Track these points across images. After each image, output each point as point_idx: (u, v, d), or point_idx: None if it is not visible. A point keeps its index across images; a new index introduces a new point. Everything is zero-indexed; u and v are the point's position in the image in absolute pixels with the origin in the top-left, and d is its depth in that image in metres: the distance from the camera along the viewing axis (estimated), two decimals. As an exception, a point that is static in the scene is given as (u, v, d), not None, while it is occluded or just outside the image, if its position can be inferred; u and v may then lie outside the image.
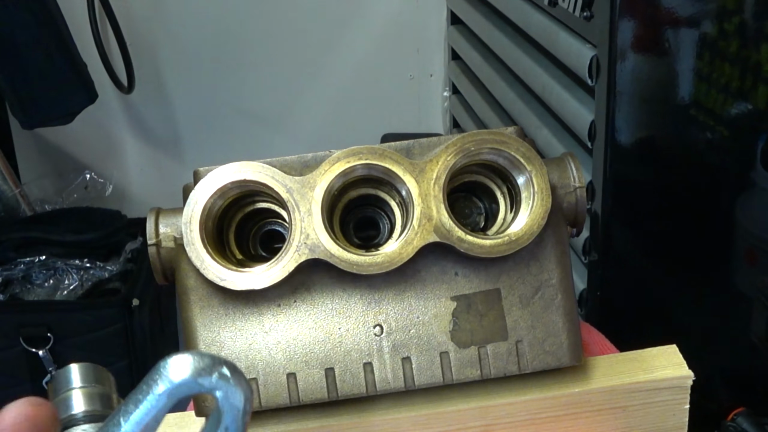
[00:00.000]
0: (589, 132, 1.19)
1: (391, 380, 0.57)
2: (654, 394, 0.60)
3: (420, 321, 0.58)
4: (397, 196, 0.58)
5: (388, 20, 2.31)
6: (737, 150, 1.17)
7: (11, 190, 2.02)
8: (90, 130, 2.28)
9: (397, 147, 0.58)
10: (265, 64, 2.33)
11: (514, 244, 0.56)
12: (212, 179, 0.56)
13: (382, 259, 0.55)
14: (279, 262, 0.55)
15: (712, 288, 1.24)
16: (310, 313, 0.57)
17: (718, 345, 1.25)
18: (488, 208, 0.61)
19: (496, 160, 0.58)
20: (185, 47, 2.30)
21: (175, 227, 0.58)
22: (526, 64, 1.49)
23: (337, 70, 2.35)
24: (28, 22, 1.77)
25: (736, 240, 1.21)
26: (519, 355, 0.58)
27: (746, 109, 1.14)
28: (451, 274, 0.58)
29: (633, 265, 1.24)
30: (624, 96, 1.13)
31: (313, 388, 0.57)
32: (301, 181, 0.55)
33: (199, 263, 0.55)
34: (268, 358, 0.57)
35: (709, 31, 1.10)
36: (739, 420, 1.21)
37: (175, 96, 2.36)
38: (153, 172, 2.43)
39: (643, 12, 1.10)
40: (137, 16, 2.24)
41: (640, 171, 1.19)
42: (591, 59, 1.17)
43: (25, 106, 1.84)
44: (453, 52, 2.16)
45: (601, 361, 0.62)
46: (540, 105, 1.47)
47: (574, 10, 1.22)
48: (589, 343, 0.72)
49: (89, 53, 2.01)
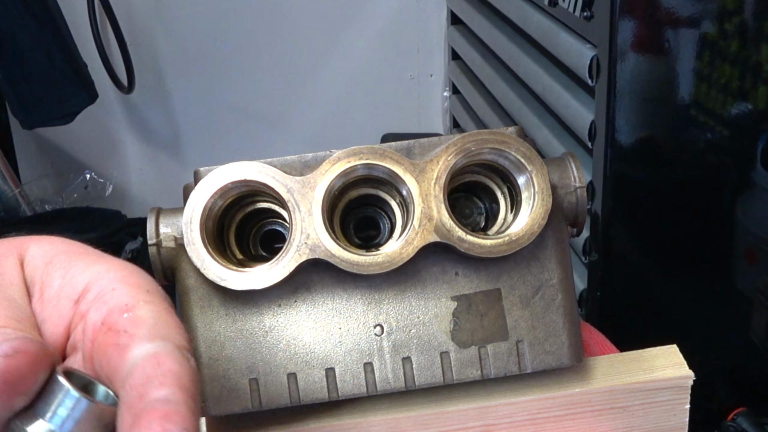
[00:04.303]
0: (589, 132, 1.19)
1: (392, 380, 0.57)
2: (654, 394, 0.60)
3: (420, 321, 0.58)
4: (398, 196, 0.58)
5: (388, 20, 2.31)
6: (737, 150, 1.17)
7: (11, 190, 2.02)
8: (90, 130, 2.28)
9: (398, 147, 0.58)
10: (266, 64, 2.33)
11: (515, 244, 0.56)
12: (213, 179, 0.56)
13: (382, 259, 0.55)
14: (279, 262, 0.55)
15: (712, 288, 1.24)
16: (311, 313, 0.57)
17: (718, 345, 1.25)
18: (489, 208, 0.61)
19: (497, 160, 0.58)
20: (185, 47, 2.30)
21: (175, 227, 0.58)
22: (526, 64, 1.49)
23: (337, 70, 2.35)
24: (28, 22, 1.77)
25: (736, 240, 1.21)
26: (519, 355, 0.58)
27: (746, 109, 1.14)
28: (452, 274, 0.58)
29: (633, 265, 1.24)
30: (624, 96, 1.13)
31: (314, 388, 0.57)
32: (301, 181, 0.55)
33: (200, 263, 0.55)
34: (268, 358, 0.57)
35: (709, 31, 1.10)
36: (739, 420, 1.21)
37: (175, 96, 2.36)
38: (153, 172, 2.43)
39: (643, 12, 1.10)
40: (137, 16, 2.24)
41: (640, 171, 1.19)
42: (591, 59, 1.17)
43: (25, 106, 1.84)
44: (453, 52, 2.16)
45: (601, 361, 0.62)
46: (540, 105, 1.47)
47: (574, 10, 1.22)
48: (589, 343, 0.72)
49: (89, 53, 2.01)
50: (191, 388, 0.36)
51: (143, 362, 0.37)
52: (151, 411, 0.35)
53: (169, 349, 0.37)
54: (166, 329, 0.39)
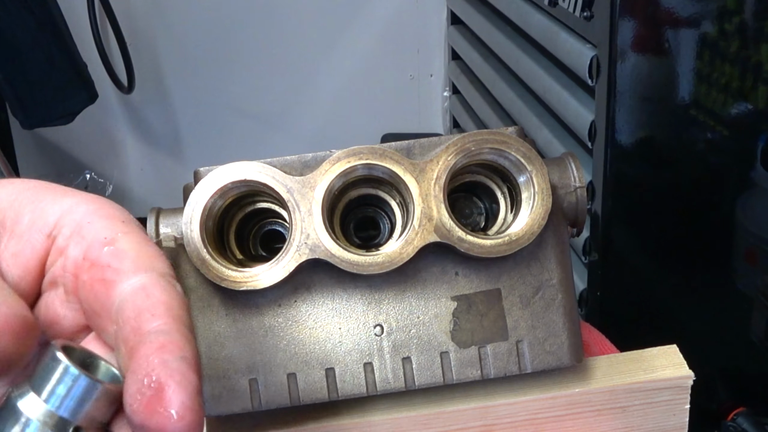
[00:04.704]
0: (589, 132, 1.19)
1: (392, 380, 0.57)
2: (654, 394, 0.60)
3: (420, 321, 0.58)
4: (398, 196, 0.58)
5: (388, 20, 2.31)
6: (737, 150, 1.17)
7: (11, 190, 2.02)
8: (90, 130, 2.28)
9: (398, 147, 0.58)
10: (266, 64, 2.33)
11: (515, 244, 0.56)
12: (213, 179, 0.56)
13: (382, 259, 0.55)
14: (279, 262, 0.55)
15: (712, 288, 1.24)
16: (311, 313, 0.57)
17: (718, 345, 1.25)
18: (489, 208, 0.61)
19: (497, 160, 0.58)
20: (185, 47, 2.30)
21: (175, 227, 0.58)
22: (526, 64, 1.49)
23: (337, 70, 2.35)
24: (28, 22, 1.77)
25: (736, 240, 1.21)
26: (519, 355, 0.58)
27: (746, 109, 1.14)
28: (452, 274, 0.58)
29: (633, 265, 1.24)
30: (624, 96, 1.13)
31: (313, 388, 0.57)
32: (301, 181, 0.55)
33: (200, 263, 0.55)
34: (268, 358, 0.57)
35: (709, 31, 1.10)
36: (739, 420, 1.21)
37: (175, 96, 2.36)
38: (153, 172, 2.43)
39: (643, 12, 1.10)
40: (137, 16, 2.24)
41: (640, 171, 1.19)
42: (591, 59, 1.17)
43: (25, 106, 1.84)
44: (453, 52, 2.16)
45: (601, 361, 0.62)
46: (540, 105, 1.47)
47: (574, 10, 1.22)
48: (589, 343, 0.72)
49: (89, 53, 2.01)
50: (182, 314, 0.37)
51: (132, 296, 0.37)
52: (147, 344, 0.35)
53: (155, 278, 0.38)
54: (149, 259, 0.39)
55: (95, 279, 0.38)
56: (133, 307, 0.36)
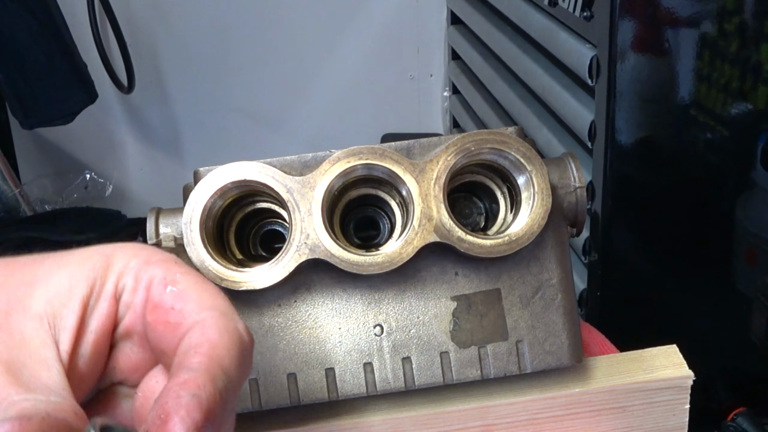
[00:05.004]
0: (589, 132, 1.19)
1: (392, 380, 0.57)
2: (654, 394, 0.60)
3: (420, 321, 0.58)
4: (398, 196, 0.58)
5: (388, 20, 2.31)
6: (737, 150, 1.17)
7: (11, 190, 2.02)
8: (90, 130, 2.28)
9: (398, 147, 0.58)
10: (265, 64, 2.32)
11: (515, 244, 0.56)
12: (212, 179, 0.56)
13: (382, 259, 0.55)
14: (279, 262, 0.55)
15: (712, 288, 1.24)
16: (311, 313, 0.57)
17: (718, 345, 1.25)
18: (488, 208, 0.61)
19: (497, 160, 0.58)
20: (185, 47, 2.30)
21: (175, 227, 0.58)
22: (526, 64, 1.49)
23: (337, 70, 2.35)
24: (28, 23, 1.77)
25: (736, 240, 1.21)
26: (519, 355, 0.58)
27: (746, 109, 1.14)
28: (452, 274, 0.58)
29: (633, 265, 1.24)
30: (624, 96, 1.13)
31: (313, 388, 0.57)
32: (301, 181, 0.55)
33: (200, 263, 0.55)
34: (268, 358, 0.57)
35: (709, 31, 1.10)
36: (739, 420, 1.21)
37: (175, 96, 2.36)
38: (153, 172, 2.43)
39: (643, 12, 1.10)
40: (137, 16, 2.24)
41: (640, 171, 1.19)
42: (591, 59, 1.16)
43: (25, 106, 1.84)
44: (453, 52, 2.16)
45: (601, 361, 0.62)
46: (540, 105, 1.47)
47: (574, 10, 1.22)
48: (589, 343, 0.72)
49: (89, 53, 2.00)
50: (222, 355, 0.38)
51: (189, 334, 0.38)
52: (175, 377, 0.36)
53: (216, 317, 0.39)
54: (210, 299, 0.40)
55: (159, 321, 0.40)
56: (187, 343, 0.38)
